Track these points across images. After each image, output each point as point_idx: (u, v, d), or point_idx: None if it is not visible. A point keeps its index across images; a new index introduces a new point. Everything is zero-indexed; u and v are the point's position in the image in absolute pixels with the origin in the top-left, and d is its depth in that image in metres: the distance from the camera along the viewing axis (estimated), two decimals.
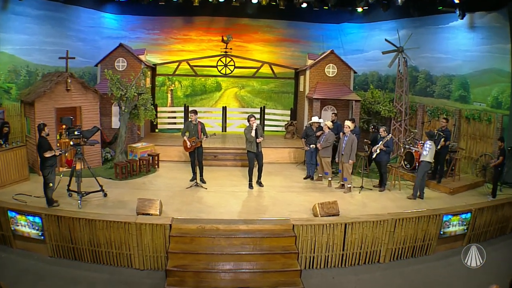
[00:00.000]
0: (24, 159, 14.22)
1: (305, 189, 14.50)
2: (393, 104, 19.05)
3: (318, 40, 23.85)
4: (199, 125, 14.44)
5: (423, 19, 18.97)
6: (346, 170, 13.98)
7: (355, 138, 13.93)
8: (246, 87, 24.56)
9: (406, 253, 11.25)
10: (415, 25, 19.23)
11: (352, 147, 13.74)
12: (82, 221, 10.18)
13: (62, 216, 10.29)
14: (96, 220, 10.13)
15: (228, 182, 14.96)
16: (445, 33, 18.16)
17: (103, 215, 10.48)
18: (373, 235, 10.74)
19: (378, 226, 10.70)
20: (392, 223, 10.76)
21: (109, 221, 10.12)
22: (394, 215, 11.09)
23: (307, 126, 16.00)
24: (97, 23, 22.16)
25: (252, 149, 13.98)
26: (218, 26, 23.50)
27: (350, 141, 13.78)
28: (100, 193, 12.68)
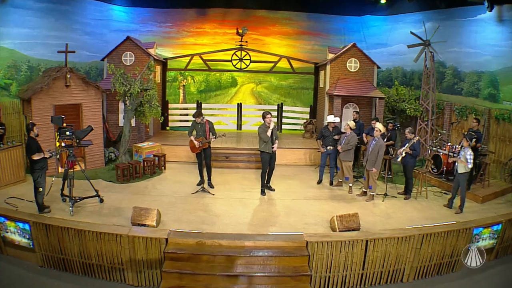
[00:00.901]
0: (20, 160, 13.37)
1: (323, 196, 13.15)
2: (419, 102, 17.79)
3: (339, 33, 22.75)
4: (207, 124, 13.26)
5: (450, 11, 17.85)
6: (372, 177, 12.60)
7: (383, 145, 12.55)
8: (263, 83, 23.57)
9: (431, 271, 9.86)
10: (441, 18, 18.04)
11: (379, 153, 12.36)
12: (71, 231, 9.12)
13: (50, 224, 9.27)
14: (86, 231, 9.04)
15: (238, 187, 13.72)
16: (473, 26, 16.93)
17: (93, 225, 9.37)
18: (397, 252, 9.35)
19: (403, 243, 9.30)
20: (419, 239, 9.36)
21: (100, 232, 9.00)
22: (421, 229, 9.66)
23: (324, 126, 14.75)
24: (105, 16, 21.27)
25: (267, 149, 12.70)
26: (233, 18, 22.48)
27: (377, 147, 12.39)
28: (96, 198, 11.72)
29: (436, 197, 13.28)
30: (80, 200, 11.30)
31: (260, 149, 12.88)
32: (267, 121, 12.58)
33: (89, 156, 15.13)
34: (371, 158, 12.39)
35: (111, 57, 18.80)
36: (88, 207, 11.38)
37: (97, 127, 15.00)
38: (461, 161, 11.67)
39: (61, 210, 10.96)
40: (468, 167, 11.63)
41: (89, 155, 15.14)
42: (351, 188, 13.48)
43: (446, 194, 13.36)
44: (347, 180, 13.49)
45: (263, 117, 12.74)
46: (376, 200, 12.73)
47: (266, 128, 12.54)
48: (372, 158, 12.37)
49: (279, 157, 14.39)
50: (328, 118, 14.32)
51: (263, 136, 12.53)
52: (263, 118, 12.70)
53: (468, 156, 11.51)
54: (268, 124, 12.56)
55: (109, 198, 12.08)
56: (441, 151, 14.73)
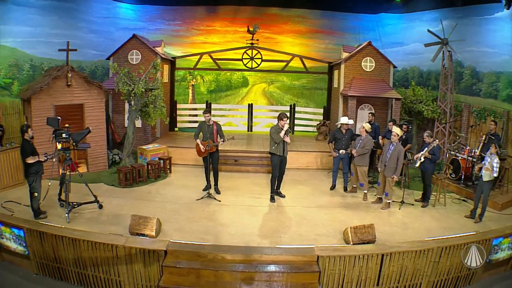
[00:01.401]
0: (19, 162, 12.60)
1: (336, 203, 12.32)
2: (437, 104, 16.95)
3: (354, 31, 22.00)
4: (214, 126, 12.47)
5: (467, 9, 17.39)
6: (389, 184, 11.81)
7: (402, 150, 11.77)
8: (275, 83, 22.96)
9: (449, 284, 9.05)
10: (458, 16, 17.44)
11: (399, 160, 11.57)
12: (65, 239, 8.49)
13: (44, 232, 8.66)
14: (81, 240, 8.40)
15: (247, 193, 12.93)
16: (491, 24, 16.48)
17: (89, 234, 8.69)
18: (415, 266, 8.55)
19: (421, 256, 8.49)
20: (438, 252, 8.54)
21: (95, 242, 8.33)
22: (440, 242, 8.83)
23: (336, 128, 13.89)
24: (111, 14, 20.85)
25: (278, 151, 11.87)
26: (244, 16, 21.77)
27: (396, 152, 11.60)
28: (94, 204, 11.09)
29: (455, 204, 12.52)
30: (78, 206, 10.74)
31: (270, 151, 12.06)
32: (282, 124, 11.71)
33: (91, 158, 14.59)
34: (391, 164, 11.63)
35: (117, 55, 18.29)
36: (86, 213, 10.76)
37: (100, 129, 14.64)
38: (486, 169, 10.83)
39: (58, 216, 10.37)
40: (493, 175, 10.80)
41: (92, 157, 14.59)
42: (366, 195, 12.66)
43: (465, 201, 12.70)
44: (362, 186, 12.67)
45: (279, 119, 11.82)
46: (392, 208, 11.92)
47: (279, 129, 11.71)
48: (391, 165, 11.61)
49: (290, 160, 13.63)
50: (341, 120, 13.50)
51: (275, 137, 11.70)
52: (279, 119, 11.79)
53: (494, 164, 10.65)
54: (282, 126, 11.71)
55: (109, 203, 11.47)
56: (459, 155, 14.01)
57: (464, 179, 13.56)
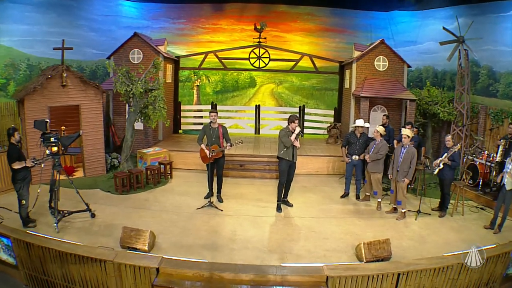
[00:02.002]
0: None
1: (348, 213, 11.41)
2: (453, 105, 16.13)
3: (366, 30, 21.18)
4: (220, 129, 11.55)
5: (482, 6, 16.44)
6: (401, 191, 10.92)
7: (415, 152, 10.90)
8: (284, 83, 22.15)
9: None
10: (473, 13, 16.53)
11: (412, 162, 10.76)
12: (52, 252, 7.69)
13: (31, 242, 7.88)
14: (68, 253, 7.58)
15: (251, 202, 12.02)
16: (507, 22, 15.52)
17: (76, 247, 7.83)
18: (432, 284, 7.63)
19: (440, 274, 7.57)
20: (457, 269, 7.63)
21: (82, 256, 7.48)
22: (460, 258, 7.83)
23: (350, 131, 12.94)
24: (113, 12, 20.21)
25: (288, 156, 10.97)
26: (251, 13, 21.00)
27: (409, 155, 10.78)
28: (87, 212, 10.37)
29: (473, 212, 11.64)
30: (68, 215, 10.05)
31: (278, 155, 11.16)
32: (293, 126, 10.84)
33: (88, 162, 13.90)
34: (404, 168, 10.80)
35: (117, 55, 17.57)
36: (77, 222, 10.02)
37: (98, 131, 14.02)
38: (510, 175, 9.90)
39: (48, 225, 9.67)
40: None
41: (89, 161, 13.90)
42: (380, 204, 11.73)
43: (483, 209, 11.86)
44: (376, 195, 11.76)
45: (289, 121, 10.94)
46: (408, 218, 11.01)
47: (290, 133, 10.84)
48: (404, 168, 10.78)
49: (299, 165, 12.78)
50: (356, 122, 12.58)
51: (285, 140, 10.80)
52: (290, 122, 10.91)
53: None
54: (292, 129, 10.84)
55: (102, 212, 10.70)
56: (477, 160, 13.19)
57: (482, 185, 12.75)
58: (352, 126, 12.76)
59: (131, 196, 12.24)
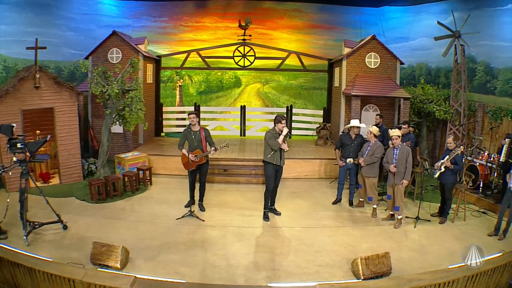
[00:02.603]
0: None
1: (341, 221, 10.52)
2: (449, 103, 15.49)
3: (355, 26, 20.67)
4: (202, 132, 10.60)
5: (478, 0, 15.89)
6: (399, 195, 10.07)
7: (409, 151, 10.10)
8: (270, 82, 21.66)
9: None
10: (469, 7, 15.90)
11: (407, 162, 9.96)
12: (21, 268, 7.01)
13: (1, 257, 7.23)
14: (36, 270, 6.86)
15: (236, 210, 11.08)
16: (504, 16, 14.91)
17: (45, 264, 7.10)
18: None
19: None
20: (464, 282, 6.90)
21: (50, 274, 6.74)
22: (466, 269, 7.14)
23: (343, 132, 12.04)
24: (92, 10, 19.37)
25: (275, 160, 10.05)
26: (236, 10, 20.42)
27: (403, 155, 9.98)
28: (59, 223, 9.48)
29: (474, 217, 10.89)
30: (39, 226, 9.20)
31: (264, 159, 10.22)
32: (280, 127, 9.93)
33: (64, 168, 13.02)
34: (400, 169, 10.00)
35: (96, 54, 16.69)
36: (49, 234, 9.16)
37: (73, 135, 13.20)
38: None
39: (20, 237, 8.77)
40: None
41: (65, 167, 13.02)
42: (375, 210, 10.88)
43: (485, 214, 11.15)
44: (371, 200, 10.91)
45: (276, 122, 10.02)
46: (407, 225, 10.18)
47: (277, 134, 9.94)
48: (401, 169, 9.98)
49: (287, 169, 12.08)
50: (351, 122, 11.63)
51: (272, 143, 9.87)
52: (277, 122, 9.99)
53: None
54: (279, 130, 9.94)
55: (75, 223, 9.80)
56: (476, 160, 12.51)
57: (483, 187, 12.06)
58: (346, 127, 11.82)
59: (107, 205, 11.34)
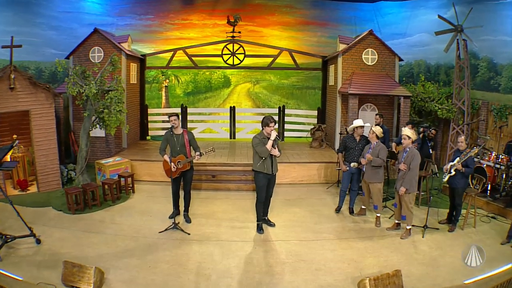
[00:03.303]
0: None
1: (343, 232, 9.54)
2: (452, 101, 14.78)
3: (350, 22, 20.21)
4: (185, 136, 9.60)
5: None
6: (406, 204, 9.11)
7: (417, 154, 9.08)
8: (261, 82, 21.03)
9: None
10: (469, 0, 15.15)
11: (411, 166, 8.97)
12: None
13: None
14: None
15: (225, 222, 10.04)
16: (507, 10, 14.35)
17: (15, 283, 6.58)
18: None
19: None
20: None
21: None
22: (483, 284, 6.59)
23: (347, 134, 10.98)
24: (75, 8, 18.59)
25: (265, 169, 8.98)
26: (225, 7, 19.85)
27: (410, 157, 9.00)
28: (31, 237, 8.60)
29: (484, 223, 10.05)
30: (11, 240, 8.34)
31: (254, 169, 9.16)
32: (268, 131, 8.85)
33: (42, 175, 12.06)
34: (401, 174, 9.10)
35: (77, 54, 15.84)
36: (22, 249, 8.28)
37: (50, 140, 12.21)
38: None
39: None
40: None
41: (42, 174, 12.06)
42: (379, 219, 9.93)
43: (494, 219, 10.33)
44: (376, 209, 9.93)
45: (264, 124, 8.89)
46: (414, 235, 9.25)
47: (265, 139, 8.85)
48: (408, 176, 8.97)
49: (280, 173, 11.14)
50: (355, 122, 10.56)
51: (261, 150, 8.79)
52: (264, 126, 8.90)
53: None
54: (268, 135, 8.85)
55: (50, 236, 8.90)
56: (483, 162, 11.62)
57: (491, 190, 11.28)
58: (350, 128, 10.74)
59: (85, 216, 10.33)
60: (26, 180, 12.27)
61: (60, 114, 14.76)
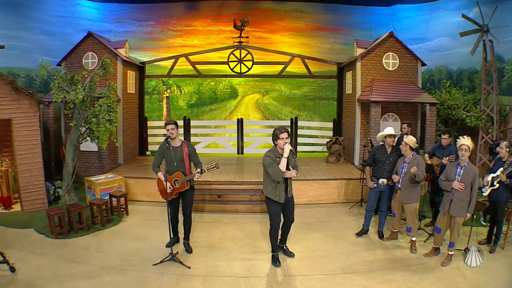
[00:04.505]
0: None
1: (374, 263, 7.94)
2: (480, 108, 13.72)
3: (364, 27, 19.15)
4: (184, 148, 8.01)
5: None
6: (456, 228, 7.64)
7: (477, 173, 7.62)
8: (270, 93, 20.00)
9: None
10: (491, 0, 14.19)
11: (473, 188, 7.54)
12: None
13: None
14: None
15: (234, 252, 8.38)
16: None
17: None
18: None
19: None
20: None
21: None
22: None
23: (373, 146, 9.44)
24: (70, 12, 17.71)
25: (277, 196, 7.34)
26: (231, 12, 18.68)
27: (470, 176, 7.55)
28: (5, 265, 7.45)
29: None
30: None
31: (265, 194, 7.54)
32: (281, 144, 7.17)
33: (25, 193, 10.78)
34: (460, 196, 7.55)
35: (69, 60, 14.66)
36: None
37: (34, 153, 10.95)
38: None
39: None
40: None
41: (26, 191, 10.78)
42: (415, 244, 8.40)
43: None
44: (410, 232, 8.42)
45: (274, 138, 7.27)
46: (456, 260, 7.85)
47: (277, 157, 7.22)
48: (461, 196, 7.52)
49: (296, 192, 9.43)
50: (386, 130, 8.94)
51: (273, 172, 7.11)
52: (275, 139, 7.24)
53: None
54: (281, 149, 7.23)
55: (27, 264, 7.62)
56: None
57: None
58: (380, 135, 9.11)
59: (69, 241, 8.85)
60: (10, 197, 11.06)
61: (50, 126, 13.63)
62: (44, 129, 13.38)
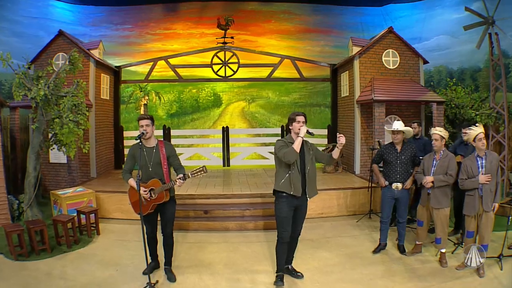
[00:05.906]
0: None
1: (402, 283, 6.55)
2: (489, 105, 12.82)
3: (356, 29, 18.77)
4: (161, 149, 6.56)
5: None
6: (489, 226, 6.83)
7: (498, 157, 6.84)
8: (257, 100, 19.31)
9: None
10: None
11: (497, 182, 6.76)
12: None
13: None
14: None
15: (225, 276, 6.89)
16: None
17: None
18: None
19: None
20: None
21: None
22: None
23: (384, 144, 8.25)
24: (42, 13, 17.06)
25: (292, 189, 6.07)
26: (213, 13, 17.53)
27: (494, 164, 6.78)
28: None
29: None
30: None
31: (276, 188, 6.27)
32: (296, 128, 6.13)
33: None
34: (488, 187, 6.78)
35: (39, 61, 13.53)
36: None
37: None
38: None
39: None
40: None
41: None
42: (445, 256, 7.14)
43: None
44: (439, 243, 7.14)
45: (290, 122, 6.26)
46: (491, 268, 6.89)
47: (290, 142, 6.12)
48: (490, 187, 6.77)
49: None
50: (394, 125, 7.62)
51: (284, 151, 6.00)
52: (291, 122, 6.25)
53: None
54: (295, 134, 6.15)
55: None
56: None
57: None
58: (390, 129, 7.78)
59: (29, 264, 7.40)
60: None
61: (16, 134, 12.41)
62: (10, 138, 12.26)
